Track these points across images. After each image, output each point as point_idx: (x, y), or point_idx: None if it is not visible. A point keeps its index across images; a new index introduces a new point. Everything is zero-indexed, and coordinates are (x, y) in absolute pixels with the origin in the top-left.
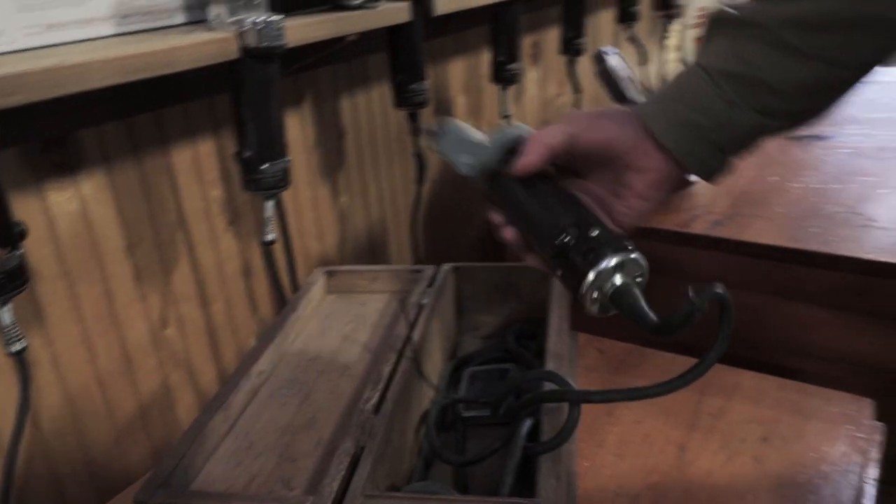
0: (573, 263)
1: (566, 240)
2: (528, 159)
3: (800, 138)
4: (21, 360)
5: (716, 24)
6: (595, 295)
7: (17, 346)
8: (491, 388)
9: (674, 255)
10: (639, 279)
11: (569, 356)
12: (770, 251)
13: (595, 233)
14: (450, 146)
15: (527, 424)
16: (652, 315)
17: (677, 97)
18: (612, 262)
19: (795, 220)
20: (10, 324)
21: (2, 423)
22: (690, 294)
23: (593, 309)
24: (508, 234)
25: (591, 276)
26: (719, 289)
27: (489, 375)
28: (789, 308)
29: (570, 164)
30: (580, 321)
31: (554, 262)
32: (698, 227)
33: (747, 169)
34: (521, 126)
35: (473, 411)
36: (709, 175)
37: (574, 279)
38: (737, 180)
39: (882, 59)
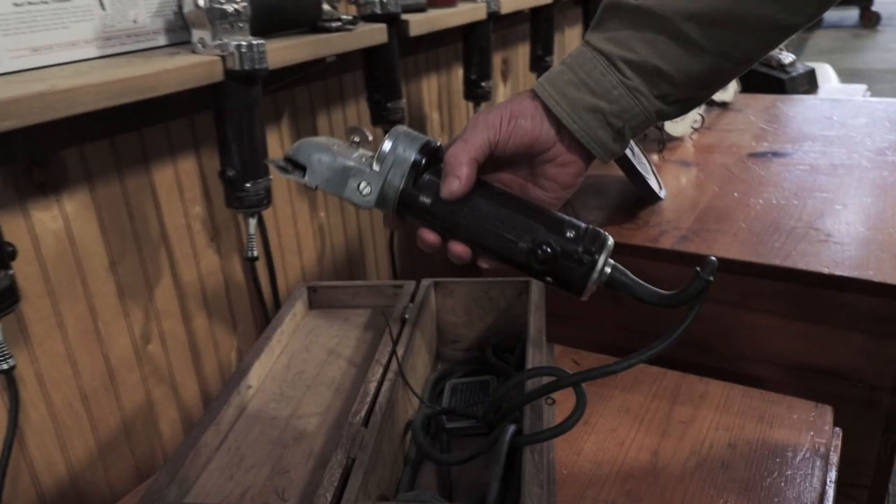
0: (563, 272)
1: (548, 252)
2: (458, 186)
3: (759, 155)
4: (10, 378)
5: (613, 9)
6: (593, 290)
7: (5, 365)
8: (472, 400)
9: (644, 268)
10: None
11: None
12: (735, 265)
13: (571, 234)
14: (326, 178)
15: (511, 429)
16: (650, 287)
17: (578, 83)
18: (603, 260)
19: (758, 234)
20: None
21: None
22: (699, 270)
23: (587, 297)
24: (458, 248)
25: (590, 283)
26: (713, 261)
27: (470, 387)
28: (753, 319)
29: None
30: (556, 334)
31: (537, 273)
32: (666, 242)
33: (710, 185)
34: (403, 132)
35: (456, 422)
36: (606, 157)
37: (569, 286)
38: (701, 196)
39: (759, 56)
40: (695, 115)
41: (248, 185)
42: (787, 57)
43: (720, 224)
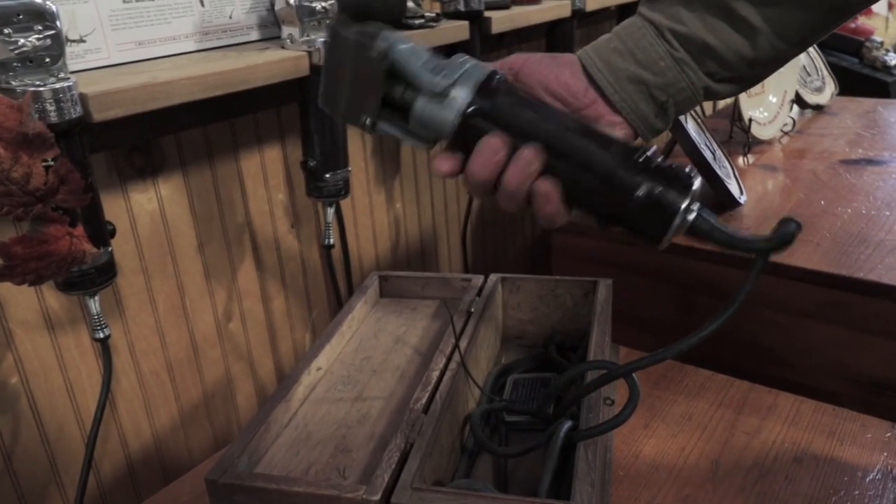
0: (657, 194)
1: (643, 158)
2: None
3: (852, 162)
4: (105, 347)
5: None
6: (679, 222)
7: (101, 334)
8: (533, 395)
9: (720, 275)
10: (699, 202)
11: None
12: (814, 276)
13: (658, 159)
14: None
15: (567, 424)
16: (734, 233)
17: (624, 51)
18: (685, 205)
19: (842, 245)
20: (96, 313)
21: (83, 402)
22: (785, 222)
23: (669, 241)
24: (544, 185)
25: (679, 217)
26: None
27: (531, 383)
28: (830, 331)
29: None
30: (622, 336)
31: (634, 181)
32: None
33: (796, 192)
34: (468, 59)
35: (515, 416)
36: (647, 133)
37: (661, 214)
38: (785, 203)
39: (816, 38)
40: (785, 118)
41: (327, 175)
42: (892, 58)
43: (803, 232)
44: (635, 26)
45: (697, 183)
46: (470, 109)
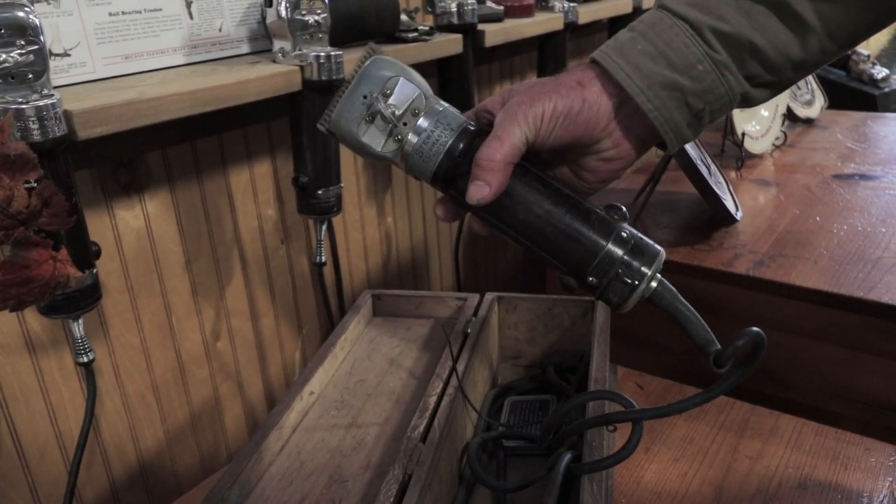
0: (608, 286)
1: (599, 280)
2: (487, 193)
3: (845, 177)
4: (89, 371)
5: None
6: (635, 304)
7: (85, 358)
8: (531, 418)
9: (715, 293)
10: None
11: (609, 389)
12: (814, 295)
13: (618, 252)
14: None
15: (568, 456)
16: (700, 322)
17: (655, 54)
18: (652, 277)
19: (840, 263)
20: (80, 337)
21: (65, 426)
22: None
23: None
24: (477, 229)
25: (631, 301)
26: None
27: (529, 405)
28: (831, 352)
29: None
30: (620, 355)
31: (581, 283)
32: (741, 267)
33: (791, 207)
34: (441, 112)
35: (514, 441)
36: (676, 143)
37: (609, 301)
38: (780, 219)
39: (861, 41)
40: (777, 132)
41: (319, 192)
42: (879, 71)
43: (799, 250)
44: (665, 24)
45: (662, 255)
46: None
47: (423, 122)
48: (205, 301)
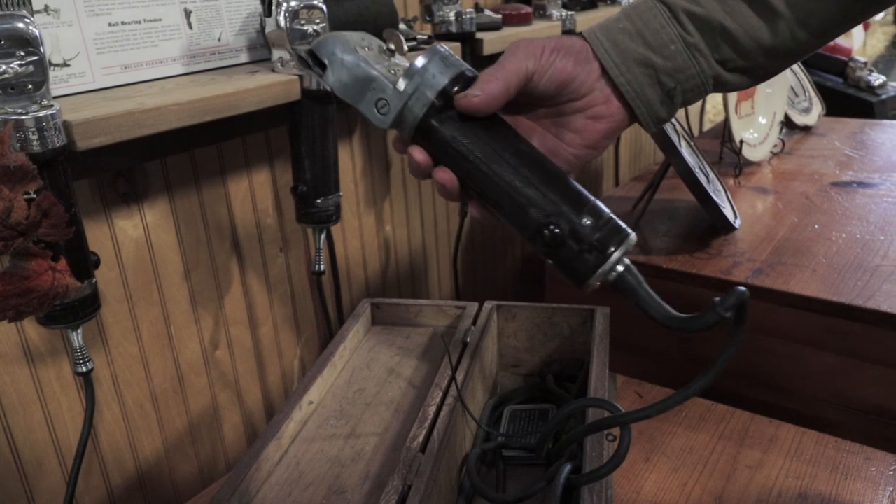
0: (567, 258)
1: (556, 232)
2: (478, 100)
3: (843, 185)
4: (87, 380)
5: None
6: (597, 284)
7: (84, 368)
8: (530, 428)
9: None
10: (629, 257)
11: (608, 398)
12: (813, 303)
13: (588, 220)
14: (344, 83)
15: (567, 467)
16: (662, 304)
17: (633, 32)
18: (616, 258)
19: (839, 271)
20: (79, 347)
21: (63, 436)
22: (716, 302)
23: (589, 291)
24: (448, 179)
25: (593, 279)
26: (741, 292)
27: (529, 415)
28: (831, 360)
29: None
30: (619, 363)
31: (539, 249)
32: (739, 275)
33: (789, 215)
34: (441, 54)
35: (514, 451)
36: (651, 122)
37: (570, 274)
38: (778, 227)
39: (838, 31)
40: (774, 140)
41: (318, 200)
42: (876, 78)
43: (798, 258)
44: (647, 6)
45: (633, 238)
46: (421, 123)
47: (419, 60)
48: (203, 310)
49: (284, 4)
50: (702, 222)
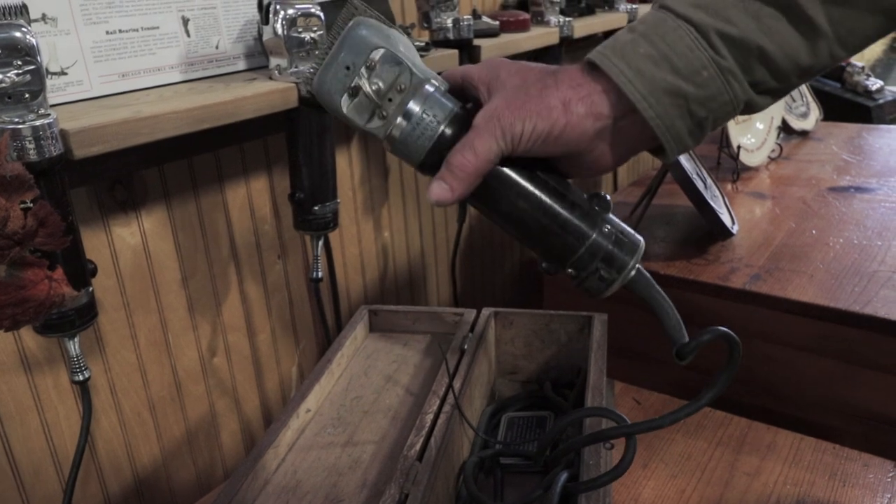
0: (587, 279)
1: (577, 257)
2: (448, 197)
3: (841, 190)
4: (84, 389)
5: None
6: (612, 292)
7: (81, 376)
8: (528, 435)
9: (712, 307)
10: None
11: (605, 405)
12: (810, 309)
13: (601, 247)
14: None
15: (564, 476)
16: (675, 315)
17: (658, 58)
18: (632, 269)
19: (836, 277)
20: (76, 355)
21: (60, 444)
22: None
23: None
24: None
25: (610, 290)
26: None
27: (527, 422)
28: (828, 366)
29: None
30: (617, 370)
31: (562, 272)
32: (737, 281)
33: (787, 220)
34: (430, 95)
35: (511, 459)
36: (677, 152)
37: (592, 288)
38: (776, 232)
39: (866, 46)
40: (772, 145)
41: (316, 208)
42: (874, 83)
43: (796, 263)
44: (668, 26)
45: (642, 246)
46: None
47: (411, 105)
48: (201, 317)
49: (282, 12)
50: (700, 228)
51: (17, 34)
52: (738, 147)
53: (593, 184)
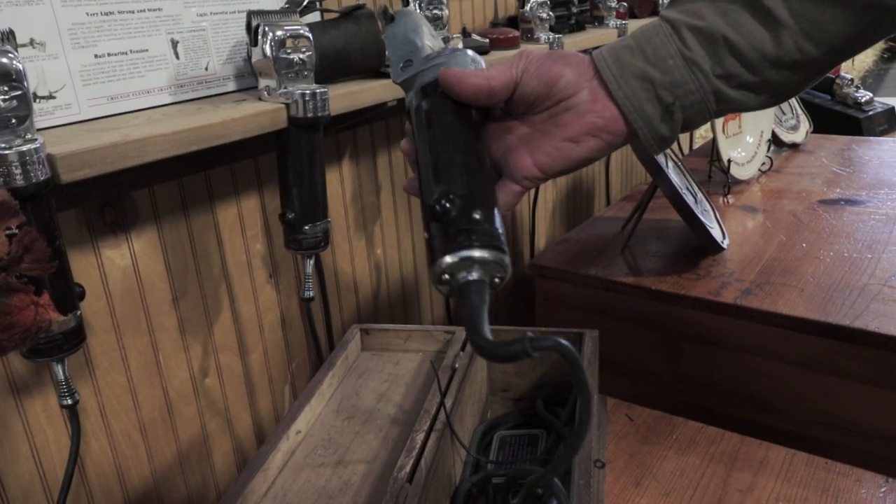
0: (442, 235)
1: (446, 206)
2: (466, 86)
3: (831, 202)
4: (73, 413)
5: None
6: (446, 277)
7: (69, 401)
8: (520, 454)
9: (703, 322)
10: (497, 280)
11: (598, 422)
12: (800, 324)
13: (478, 214)
14: (396, 39)
15: None
16: (486, 326)
17: (635, 48)
18: (478, 254)
19: (827, 291)
20: (64, 379)
21: (50, 468)
22: (529, 335)
23: (440, 288)
24: (407, 150)
25: (449, 259)
26: (559, 342)
27: (519, 441)
28: (820, 380)
29: (505, 104)
30: (610, 386)
31: (426, 221)
32: (728, 296)
33: (777, 234)
34: (467, 56)
35: (503, 478)
36: (652, 140)
37: (436, 251)
38: (767, 246)
39: (845, 45)
40: (762, 158)
41: (306, 227)
42: (863, 95)
43: (787, 277)
44: (652, 25)
45: (506, 260)
46: (421, 89)
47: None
48: (192, 338)
49: (270, 34)
50: (691, 242)
51: (4, 60)
52: (729, 160)
53: (587, 197)
